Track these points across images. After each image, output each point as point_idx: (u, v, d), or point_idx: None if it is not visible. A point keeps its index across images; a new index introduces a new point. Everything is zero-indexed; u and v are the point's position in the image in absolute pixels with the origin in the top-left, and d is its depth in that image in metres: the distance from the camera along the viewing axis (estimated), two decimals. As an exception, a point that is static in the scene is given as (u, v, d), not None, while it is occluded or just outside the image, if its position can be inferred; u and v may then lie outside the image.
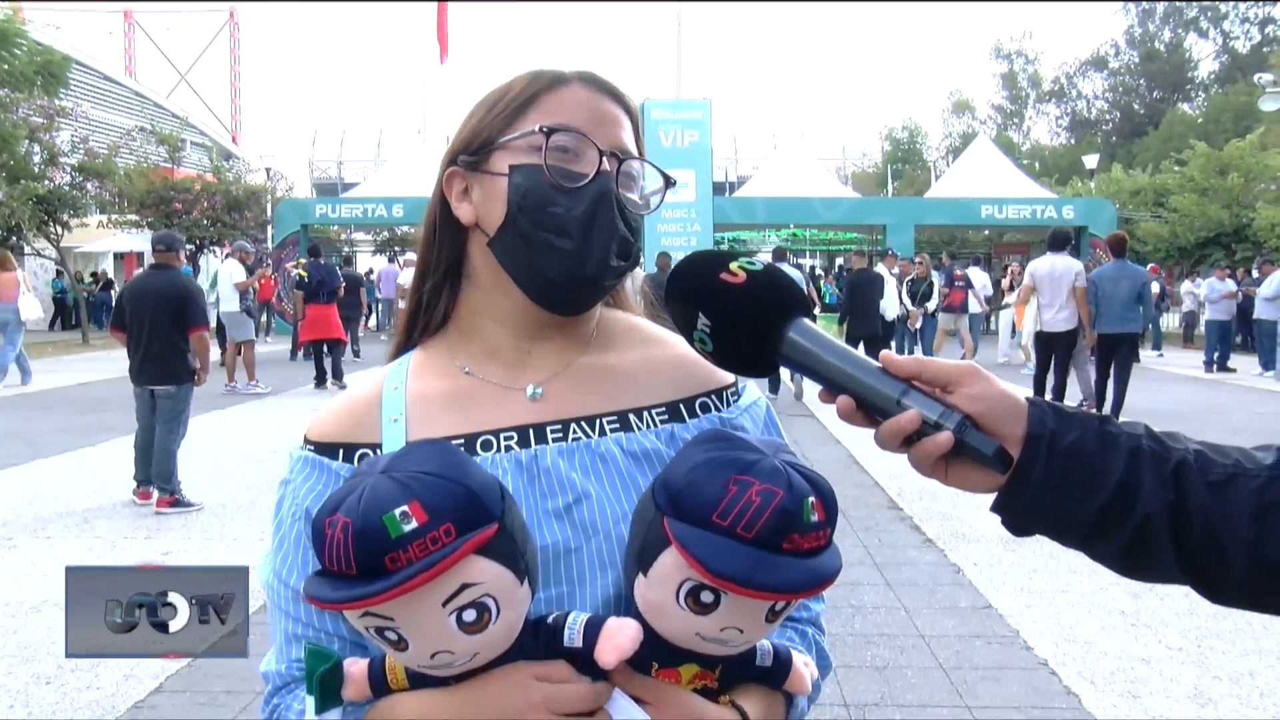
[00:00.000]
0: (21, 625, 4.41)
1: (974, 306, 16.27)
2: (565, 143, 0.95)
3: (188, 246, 25.21)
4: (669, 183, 1.03)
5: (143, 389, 6.65)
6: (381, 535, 0.74)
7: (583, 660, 0.83)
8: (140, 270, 7.48)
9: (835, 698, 3.57)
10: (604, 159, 0.96)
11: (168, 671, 3.79)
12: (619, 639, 0.81)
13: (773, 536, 0.77)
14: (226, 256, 15.02)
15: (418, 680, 0.85)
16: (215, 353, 12.70)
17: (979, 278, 17.00)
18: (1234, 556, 0.79)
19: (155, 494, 6.50)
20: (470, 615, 0.77)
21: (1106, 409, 9.61)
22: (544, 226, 0.95)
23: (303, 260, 16.44)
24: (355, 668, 0.86)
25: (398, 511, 0.74)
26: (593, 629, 0.83)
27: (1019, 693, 3.70)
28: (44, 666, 3.94)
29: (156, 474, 6.51)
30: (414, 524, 0.74)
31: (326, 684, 0.84)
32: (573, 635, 0.83)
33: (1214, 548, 0.80)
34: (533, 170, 0.95)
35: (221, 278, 13.77)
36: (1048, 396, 8.68)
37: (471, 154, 1.00)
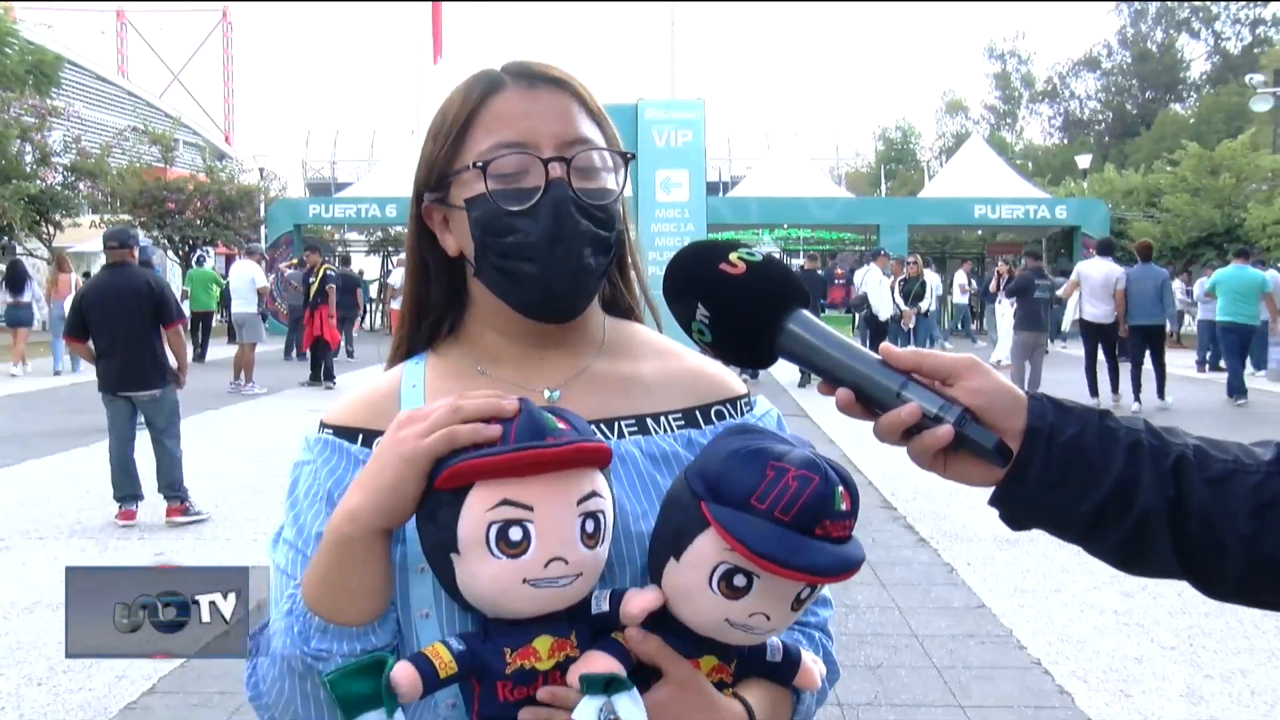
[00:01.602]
0: (14, 627, 4.39)
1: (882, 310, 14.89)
2: (505, 167, 0.94)
3: (185, 247, 25.15)
4: (626, 159, 1.00)
5: (118, 397, 6.16)
6: (544, 425, 0.82)
7: (611, 624, 0.86)
8: (95, 272, 6.96)
9: (829, 696, 3.57)
10: (549, 167, 0.93)
11: (160, 672, 3.77)
12: (645, 595, 0.85)
13: (808, 521, 0.80)
14: (229, 260, 14.96)
15: (466, 661, 0.84)
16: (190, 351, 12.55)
17: (930, 279, 17.08)
18: (1231, 553, 0.80)
19: (138, 508, 6.20)
20: (590, 526, 0.83)
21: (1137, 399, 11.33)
22: (511, 255, 0.95)
23: (295, 261, 16.39)
24: (402, 670, 0.84)
25: (552, 418, 0.84)
26: (617, 597, 0.87)
27: (1012, 692, 3.71)
28: (36, 668, 3.93)
29: (165, 484, 6.21)
30: (564, 429, 0.83)
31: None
32: (599, 602, 0.87)
33: (1211, 544, 0.80)
34: (484, 201, 0.95)
35: (238, 279, 13.75)
36: (1104, 383, 9.22)
37: (434, 189, 1.00)
